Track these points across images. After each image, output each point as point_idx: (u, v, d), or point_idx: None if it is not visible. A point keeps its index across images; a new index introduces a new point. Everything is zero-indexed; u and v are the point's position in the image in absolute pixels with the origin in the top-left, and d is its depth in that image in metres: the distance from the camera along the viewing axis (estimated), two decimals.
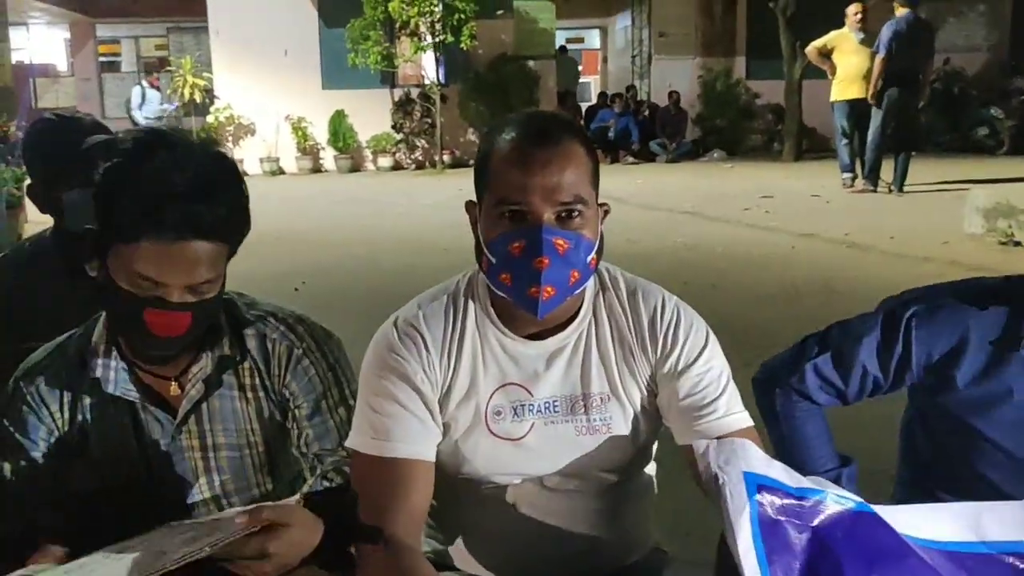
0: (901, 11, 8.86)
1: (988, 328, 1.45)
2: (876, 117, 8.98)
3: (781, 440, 1.59)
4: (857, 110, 9.28)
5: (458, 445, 1.39)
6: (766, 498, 1.13)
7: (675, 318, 1.41)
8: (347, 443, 1.38)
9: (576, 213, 1.28)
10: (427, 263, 6.06)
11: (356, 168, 15.24)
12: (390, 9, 13.18)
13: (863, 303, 4.57)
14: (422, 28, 13.70)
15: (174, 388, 1.49)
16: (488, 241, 1.31)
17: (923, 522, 1.18)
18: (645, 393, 1.41)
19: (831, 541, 1.10)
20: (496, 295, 1.36)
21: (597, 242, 1.32)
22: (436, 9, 13.41)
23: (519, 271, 1.27)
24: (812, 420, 1.59)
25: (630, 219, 7.49)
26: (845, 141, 9.50)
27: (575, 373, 1.39)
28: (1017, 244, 5.79)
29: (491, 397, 1.38)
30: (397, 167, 15.15)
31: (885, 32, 8.79)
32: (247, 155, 15.18)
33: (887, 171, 9.20)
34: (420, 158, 15.25)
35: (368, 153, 15.40)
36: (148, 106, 14.30)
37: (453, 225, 8.00)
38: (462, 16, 13.44)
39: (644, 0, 16.83)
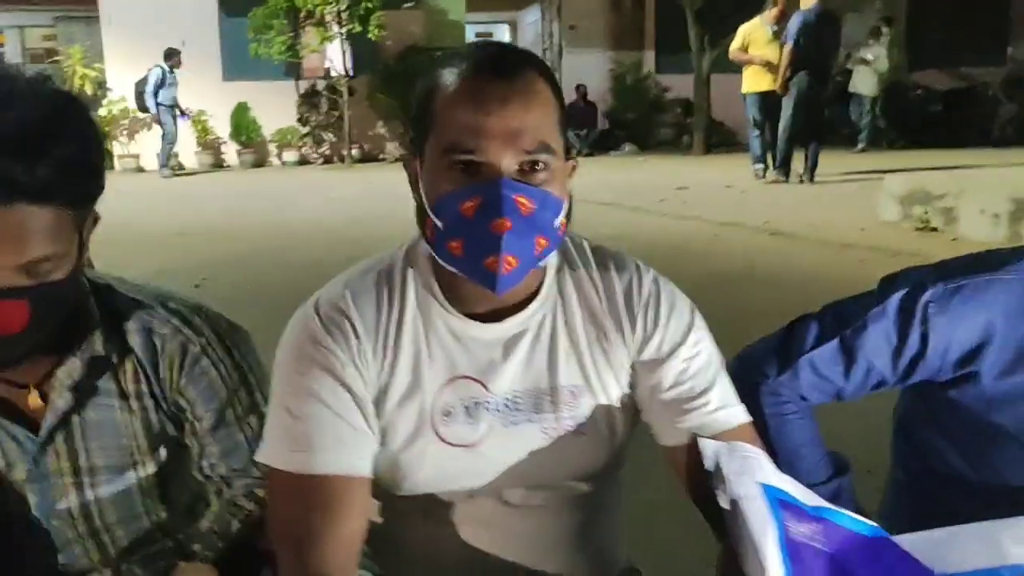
0: (809, 3, 8.96)
1: (1018, 311, 1.24)
2: (787, 107, 9.05)
3: (765, 446, 1.38)
4: (768, 101, 9.35)
5: (399, 455, 1.13)
6: (788, 517, 0.94)
7: (654, 293, 1.18)
8: (259, 456, 1.11)
9: (542, 165, 1.04)
10: (338, 257, 5.71)
11: (260, 163, 14.66)
12: None
13: (789, 289, 4.50)
14: (328, 17, 13.26)
15: (34, 398, 1.18)
16: (434, 201, 1.05)
17: (940, 549, 1.01)
18: (623, 384, 1.18)
19: (851, 569, 0.95)
20: (442, 268, 1.11)
21: (566, 202, 1.09)
22: None
23: (473, 237, 1.03)
24: (803, 423, 1.35)
25: None
26: (756, 132, 9.57)
27: (540, 362, 1.15)
28: (934, 230, 5.85)
29: (439, 394, 1.13)
30: (304, 162, 14.65)
31: (794, 23, 8.87)
32: (144, 150, 14.45)
33: (797, 162, 9.29)
34: (328, 152, 14.77)
35: (273, 147, 14.84)
36: (167, 91, 12.98)
37: (363, 219, 7.77)
38: (369, 5, 13.05)
39: None
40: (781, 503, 0.99)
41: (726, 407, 1.15)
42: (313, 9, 12.97)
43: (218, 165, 14.62)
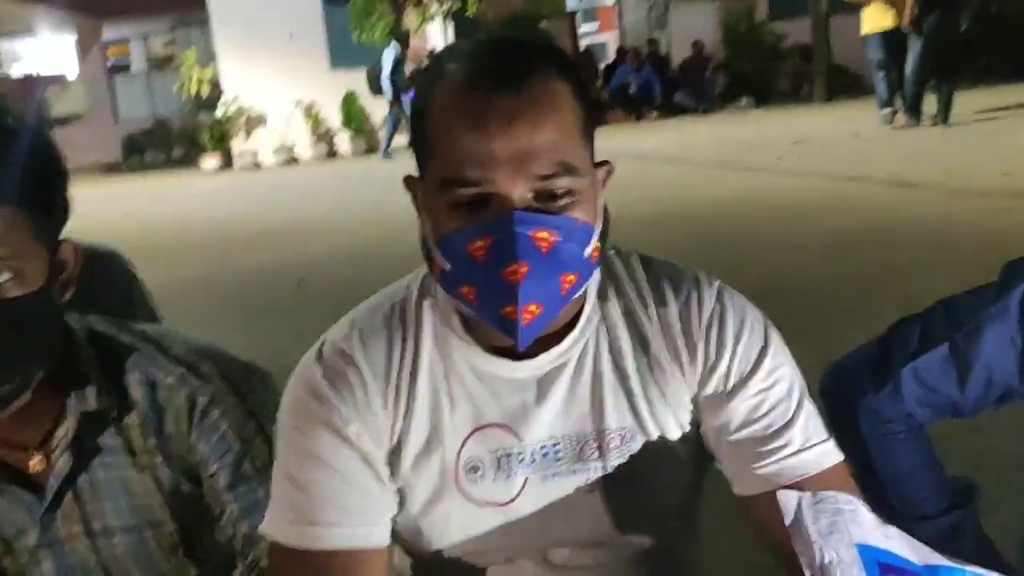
0: None
1: None
2: (915, 46, 8.33)
3: (865, 474, 1.11)
4: (893, 40, 8.63)
5: (420, 519, 0.97)
6: None
7: (718, 311, 0.97)
8: (262, 529, 0.97)
9: (563, 191, 0.85)
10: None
11: (372, 149, 14.80)
12: None
13: (925, 249, 4.07)
14: None
15: (37, 462, 1.09)
16: (438, 239, 0.87)
17: None
18: (684, 422, 0.98)
19: None
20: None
21: (597, 226, 0.89)
22: None
23: (486, 283, 0.85)
24: (911, 444, 1.12)
25: (656, 176, 6.99)
26: (882, 74, 8.86)
27: (582, 402, 0.96)
28: None
29: (463, 446, 0.96)
30: None
31: None
32: (261, 147, 14.85)
33: (929, 103, 8.56)
34: None
35: (382, 133, 14.95)
36: (401, 73, 12.81)
37: None
38: None
39: None
40: (883, 567, 0.78)
41: (811, 446, 0.93)
42: None
43: (331, 155, 14.87)
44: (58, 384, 1.07)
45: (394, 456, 0.96)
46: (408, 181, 0.95)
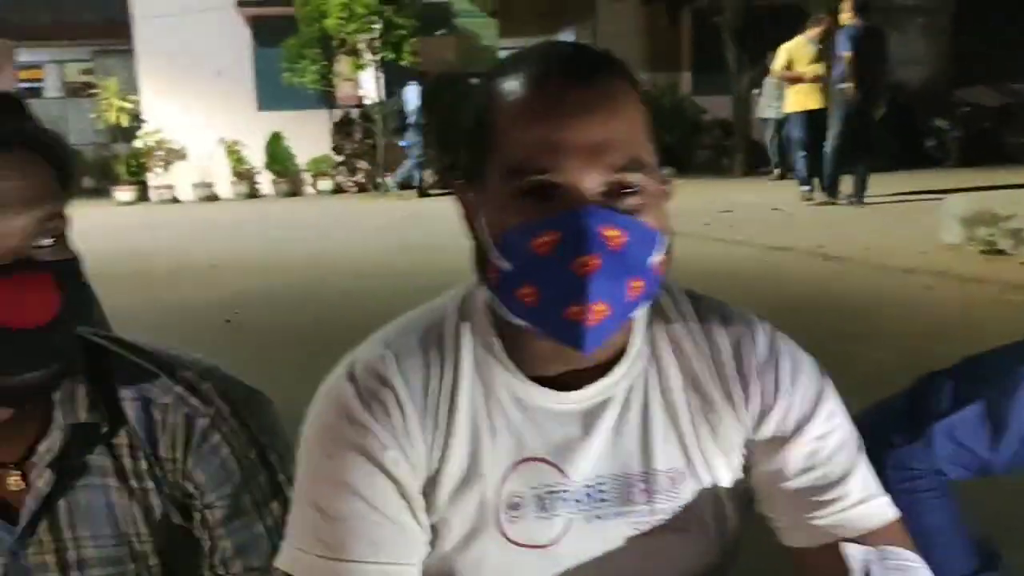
0: (850, 19, 8.68)
1: None
2: (834, 126, 8.74)
3: None
4: (814, 121, 9.06)
5: (454, 557, 0.90)
6: None
7: (772, 352, 0.94)
8: (280, 562, 0.88)
9: (634, 187, 0.81)
10: (373, 289, 5.53)
11: (295, 192, 14.63)
12: (326, 26, 12.65)
13: (859, 320, 4.21)
14: (361, 46, 13.20)
15: (15, 481, 0.97)
16: (499, 237, 0.82)
17: None
18: (735, 466, 0.93)
19: None
20: (504, 322, 0.88)
21: (665, 235, 0.85)
22: (376, 26, 12.93)
23: (551, 280, 0.79)
24: (938, 501, 1.10)
25: None
26: (803, 153, 9.25)
27: (630, 440, 0.91)
28: (1001, 252, 5.50)
29: (504, 482, 0.89)
30: (338, 190, 14.58)
31: (843, 36, 8.57)
32: (179, 181, 14.49)
33: (845, 183, 8.96)
34: (362, 180, 14.69)
35: (307, 176, 14.80)
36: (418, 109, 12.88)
37: (398, 249, 7.57)
38: (402, 33, 12.98)
39: (588, 17, 16.59)
40: None
41: (869, 499, 0.90)
42: (346, 38, 12.92)
43: (252, 195, 14.61)
44: (43, 396, 0.96)
45: (430, 488, 0.88)
46: (459, 188, 0.90)
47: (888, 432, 1.11)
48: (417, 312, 0.96)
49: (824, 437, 0.91)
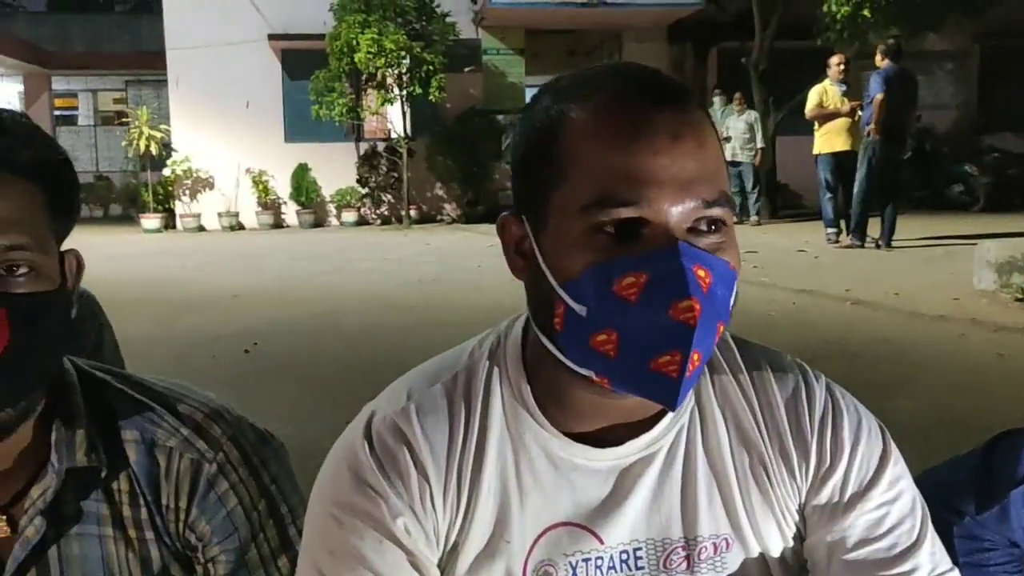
0: (884, 63, 8.62)
1: None
2: (861, 169, 8.66)
3: None
4: (842, 163, 8.98)
5: None
6: None
7: (831, 408, 0.86)
8: None
9: (721, 224, 0.74)
10: (393, 322, 5.49)
11: (319, 223, 14.69)
12: (356, 61, 12.77)
13: (890, 367, 4.09)
14: (389, 80, 13.31)
15: (1, 527, 0.91)
16: (571, 277, 0.74)
17: None
18: (790, 532, 0.85)
19: None
20: (539, 367, 0.81)
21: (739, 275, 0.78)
22: (404, 62, 13.04)
23: (642, 328, 0.72)
24: None
25: None
26: (829, 195, 9.16)
27: (671, 502, 0.84)
28: None
29: (532, 548, 0.82)
30: (362, 222, 14.63)
31: (875, 79, 8.51)
32: (205, 210, 14.61)
33: (872, 226, 8.86)
34: (386, 213, 14.76)
35: (332, 208, 14.88)
36: None
37: (419, 283, 7.53)
38: (431, 68, 13.07)
39: (614, 55, 16.65)
40: None
41: (939, 574, 0.82)
42: (375, 72, 13.03)
43: (278, 225, 14.69)
44: (41, 431, 0.90)
45: (450, 558, 0.82)
46: (504, 220, 0.82)
47: (956, 498, 1.02)
48: (446, 356, 0.90)
49: (890, 503, 0.83)
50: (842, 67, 9.27)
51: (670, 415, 0.84)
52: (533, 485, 0.82)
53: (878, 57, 8.72)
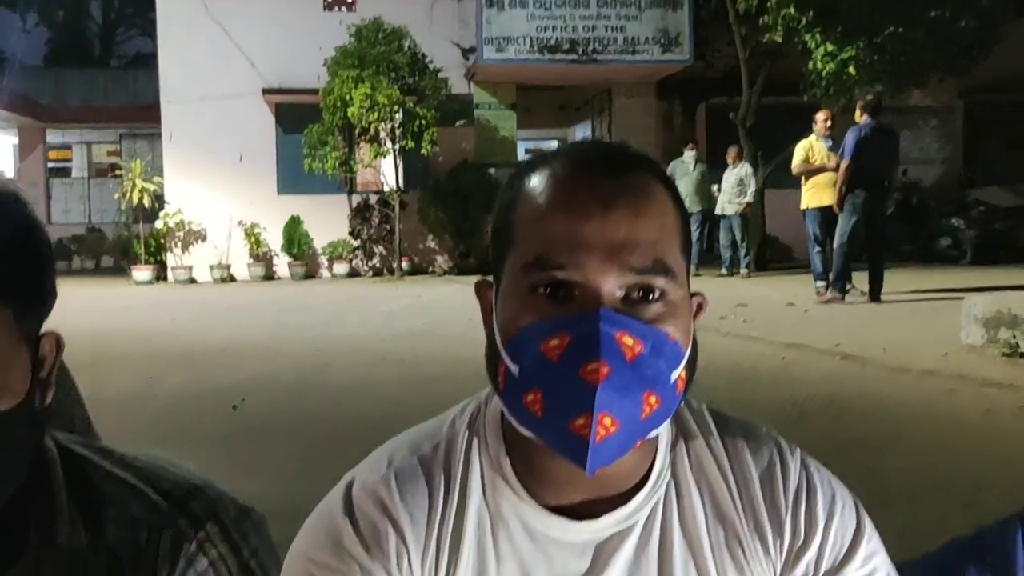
0: (863, 118, 8.80)
1: None
2: (842, 223, 8.79)
3: None
4: (829, 217, 9.09)
5: None
6: None
7: (806, 483, 0.87)
8: None
9: (657, 292, 0.76)
10: (382, 377, 5.47)
11: (311, 275, 14.73)
12: (349, 115, 12.94)
13: (879, 424, 4.08)
14: (382, 134, 13.47)
15: None
16: (510, 337, 0.77)
17: None
18: None
19: None
20: (517, 436, 0.81)
21: (688, 349, 0.79)
22: (397, 116, 13.21)
23: (558, 387, 0.74)
24: None
25: None
26: (818, 249, 9.25)
27: (647, 575, 0.83)
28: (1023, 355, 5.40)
29: None
30: (354, 274, 14.68)
31: (850, 138, 8.69)
32: (196, 262, 14.65)
33: (862, 279, 8.94)
34: (378, 265, 14.82)
35: (324, 260, 14.93)
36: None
37: (410, 336, 7.54)
38: (423, 123, 13.24)
39: (604, 110, 16.90)
40: None
41: None
42: (368, 126, 13.18)
43: (269, 277, 14.71)
44: (19, 508, 0.89)
45: None
46: (479, 286, 0.86)
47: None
48: (427, 426, 0.90)
49: None
50: (828, 123, 9.48)
51: (647, 488, 0.84)
52: (511, 557, 0.82)
53: (857, 112, 8.92)
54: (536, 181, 0.80)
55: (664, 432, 0.85)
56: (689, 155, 13.16)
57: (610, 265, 0.74)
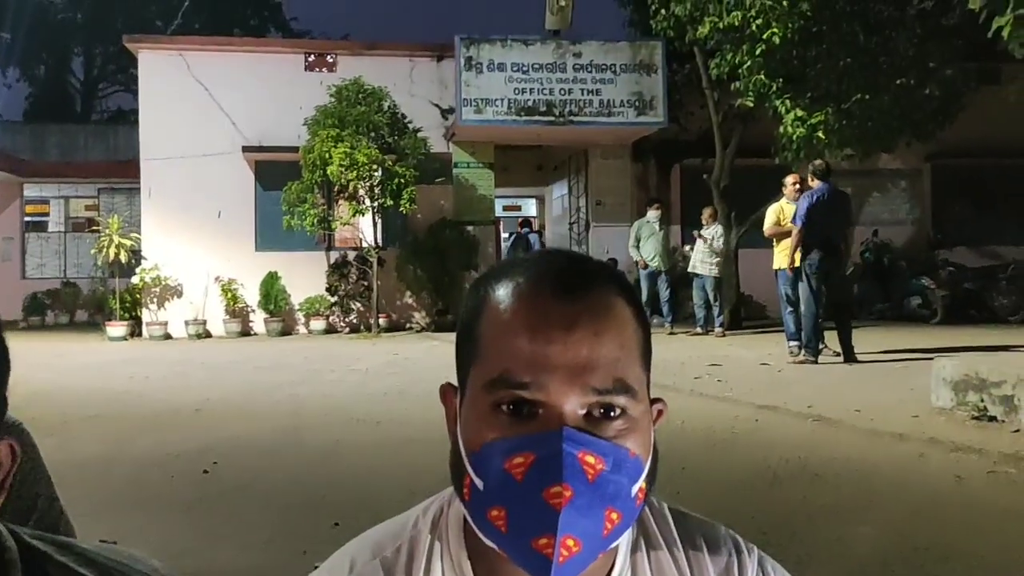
0: (815, 183, 9.04)
1: None
2: (803, 289, 8.97)
3: None
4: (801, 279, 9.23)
5: None
6: None
7: None
8: None
9: (618, 411, 0.79)
10: (357, 439, 5.44)
11: (287, 331, 14.67)
12: (328, 173, 13.04)
13: (851, 489, 4.10)
14: (361, 192, 13.57)
15: None
16: (474, 451, 0.80)
17: None
18: None
19: None
20: (480, 542, 0.84)
21: (648, 462, 0.82)
22: (376, 174, 13.33)
23: (521, 507, 0.76)
24: None
25: None
26: (790, 309, 9.37)
27: None
28: (993, 419, 5.47)
29: None
30: (330, 330, 14.64)
31: (802, 203, 8.95)
32: (172, 317, 14.56)
33: (833, 337, 9.06)
34: (355, 321, 14.80)
35: (300, 316, 14.89)
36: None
37: (386, 394, 7.51)
38: (402, 181, 13.37)
39: (581, 170, 17.15)
40: None
41: None
42: (347, 184, 13.28)
43: (245, 333, 14.64)
44: None
45: None
46: (445, 390, 0.88)
47: None
48: (390, 525, 0.93)
49: None
50: (796, 186, 9.71)
51: None
52: None
53: (809, 178, 9.17)
54: (502, 294, 0.82)
55: (625, 535, 0.87)
56: (654, 215, 13.22)
57: (572, 386, 0.77)
